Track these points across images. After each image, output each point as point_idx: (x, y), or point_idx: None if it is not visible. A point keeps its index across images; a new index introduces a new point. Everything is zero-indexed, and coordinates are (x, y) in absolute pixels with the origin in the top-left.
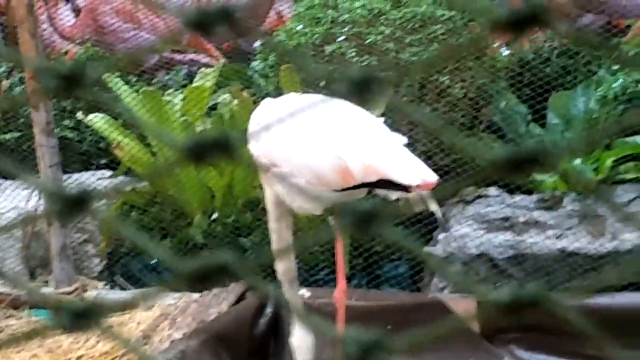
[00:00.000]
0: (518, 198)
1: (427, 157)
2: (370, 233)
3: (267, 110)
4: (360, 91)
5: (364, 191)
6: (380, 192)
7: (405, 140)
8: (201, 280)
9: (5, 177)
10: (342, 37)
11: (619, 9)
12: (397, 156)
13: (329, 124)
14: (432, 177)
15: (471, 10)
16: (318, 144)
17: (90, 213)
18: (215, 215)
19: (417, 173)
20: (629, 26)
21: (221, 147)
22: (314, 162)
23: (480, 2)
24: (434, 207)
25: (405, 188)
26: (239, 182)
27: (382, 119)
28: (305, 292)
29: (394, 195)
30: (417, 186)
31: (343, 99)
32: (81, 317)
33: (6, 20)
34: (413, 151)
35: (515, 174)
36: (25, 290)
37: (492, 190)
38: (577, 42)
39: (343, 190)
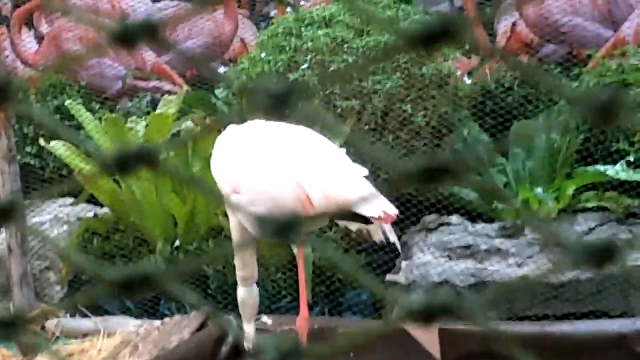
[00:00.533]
0: (479, 226)
1: (389, 185)
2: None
3: (231, 137)
4: (279, 105)
5: (325, 220)
6: (341, 222)
7: (366, 171)
8: (127, 289)
9: None
10: (305, 65)
11: (579, 39)
12: (358, 188)
13: (291, 152)
14: (392, 210)
15: (386, 27)
16: (279, 172)
17: (51, 241)
18: (177, 243)
19: (377, 205)
20: (589, 56)
21: (143, 157)
22: (275, 191)
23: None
24: (393, 238)
25: (365, 219)
26: (201, 210)
27: (344, 149)
28: (267, 320)
29: (354, 226)
30: (378, 218)
31: (263, 111)
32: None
33: None
34: (376, 178)
35: (428, 183)
36: None
37: (454, 219)
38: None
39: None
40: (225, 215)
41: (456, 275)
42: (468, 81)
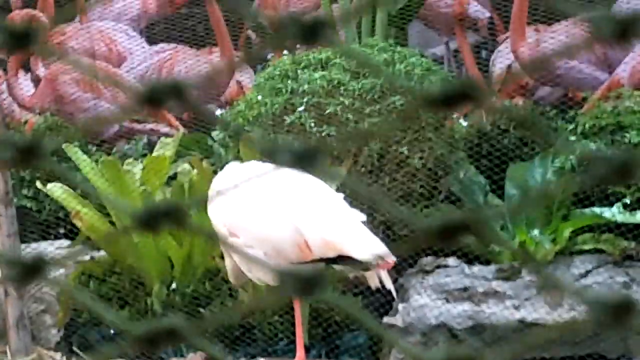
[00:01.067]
0: (476, 268)
1: (387, 227)
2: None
3: (227, 177)
4: (303, 164)
5: (321, 265)
6: (338, 267)
7: (364, 217)
8: (152, 344)
9: None
10: (302, 108)
11: (574, 81)
12: (356, 233)
13: (289, 196)
14: (390, 257)
15: (406, 89)
16: (277, 216)
17: (46, 280)
18: (174, 285)
19: (376, 252)
20: (585, 98)
21: (173, 215)
22: (273, 235)
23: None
24: (389, 284)
25: (363, 265)
26: (198, 252)
27: (341, 193)
28: None
29: (351, 272)
30: (376, 265)
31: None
32: None
33: None
34: (372, 221)
35: (448, 241)
36: None
37: (451, 261)
38: (514, 120)
39: (300, 264)
40: (222, 257)
41: (453, 318)
42: (464, 123)
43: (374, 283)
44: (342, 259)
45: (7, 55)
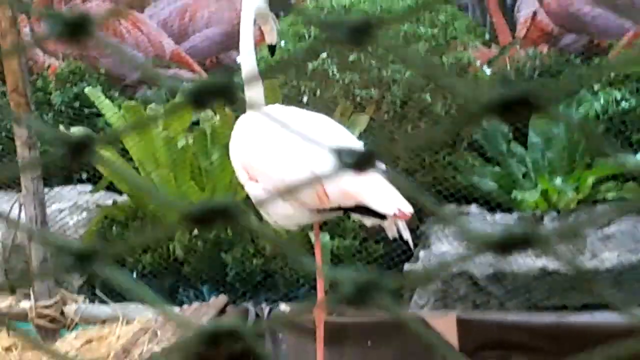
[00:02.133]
0: (498, 216)
1: (409, 174)
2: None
3: (248, 123)
4: (358, 38)
5: (339, 212)
6: (355, 216)
7: (383, 166)
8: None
9: None
10: (325, 54)
11: (600, 29)
12: (374, 184)
13: (309, 142)
14: (408, 208)
15: (463, 96)
16: (297, 162)
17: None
18: (196, 231)
19: (393, 203)
20: (610, 45)
21: (222, 214)
22: (292, 181)
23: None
24: (406, 235)
25: (380, 215)
26: (220, 197)
27: (362, 141)
28: (284, 307)
29: (368, 221)
30: (393, 216)
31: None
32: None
33: None
34: (394, 168)
35: (507, 115)
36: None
37: (473, 208)
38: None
39: (319, 210)
40: (244, 203)
41: (474, 266)
42: (487, 70)
43: (391, 233)
44: (360, 208)
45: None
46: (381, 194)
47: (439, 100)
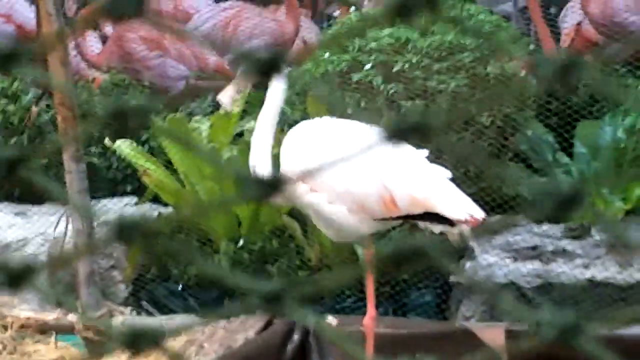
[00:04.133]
0: (546, 227)
1: (473, 183)
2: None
3: (304, 134)
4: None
5: (396, 222)
6: (422, 224)
7: (449, 174)
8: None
9: (32, 203)
10: (369, 65)
11: None
12: (444, 190)
13: (372, 151)
14: (479, 213)
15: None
16: (362, 171)
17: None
18: (241, 242)
19: (464, 208)
20: None
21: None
22: (358, 190)
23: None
24: (473, 243)
25: (449, 222)
26: (265, 209)
27: (426, 151)
28: (332, 320)
29: (437, 228)
30: (465, 221)
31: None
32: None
33: (36, 47)
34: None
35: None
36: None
37: (520, 219)
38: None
39: (384, 220)
40: (290, 215)
41: (522, 277)
42: (533, 81)
43: (453, 239)
44: (427, 215)
45: (76, 13)
46: (452, 200)
47: (484, 110)
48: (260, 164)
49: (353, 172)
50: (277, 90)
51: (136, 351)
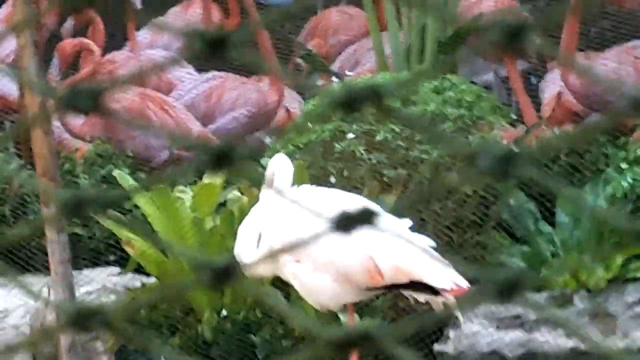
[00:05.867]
0: (528, 295)
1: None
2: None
3: (284, 203)
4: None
5: (389, 290)
6: (407, 293)
7: (432, 242)
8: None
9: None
10: (352, 135)
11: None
12: (429, 259)
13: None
14: (464, 283)
15: (457, 116)
16: (346, 241)
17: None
18: (224, 312)
19: (449, 277)
20: (636, 125)
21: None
22: (342, 260)
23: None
24: (457, 312)
25: (434, 291)
26: (249, 280)
27: (408, 219)
28: None
29: (421, 297)
30: (450, 290)
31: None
32: None
33: (18, 118)
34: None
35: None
36: None
37: None
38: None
39: (368, 289)
40: (272, 284)
41: (505, 346)
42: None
43: (438, 308)
44: (413, 285)
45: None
46: (435, 269)
47: (467, 179)
48: (244, 254)
49: (337, 243)
50: (280, 171)
51: None
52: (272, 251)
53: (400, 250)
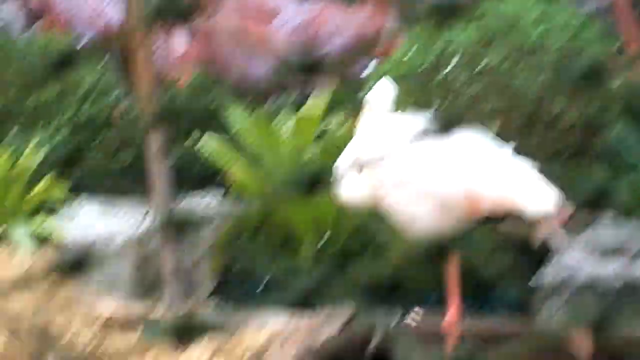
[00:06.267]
0: (632, 224)
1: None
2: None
3: (380, 130)
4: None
5: (480, 221)
6: (507, 223)
7: (536, 168)
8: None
9: (119, 199)
10: (453, 64)
11: None
12: (531, 186)
13: (457, 151)
14: (566, 208)
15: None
16: (448, 171)
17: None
18: (324, 240)
19: (551, 203)
20: None
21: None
22: (443, 190)
23: None
24: (559, 237)
25: (535, 221)
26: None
27: (511, 146)
28: (414, 316)
29: (522, 227)
30: (552, 216)
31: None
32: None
33: (121, 44)
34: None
35: None
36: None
37: (605, 216)
38: None
39: (468, 219)
40: (372, 215)
41: (606, 277)
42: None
43: (539, 237)
44: (511, 214)
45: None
46: (537, 197)
47: (570, 110)
48: (344, 182)
49: (439, 172)
50: (382, 95)
51: (185, 343)
52: (371, 176)
53: (502, 178)
